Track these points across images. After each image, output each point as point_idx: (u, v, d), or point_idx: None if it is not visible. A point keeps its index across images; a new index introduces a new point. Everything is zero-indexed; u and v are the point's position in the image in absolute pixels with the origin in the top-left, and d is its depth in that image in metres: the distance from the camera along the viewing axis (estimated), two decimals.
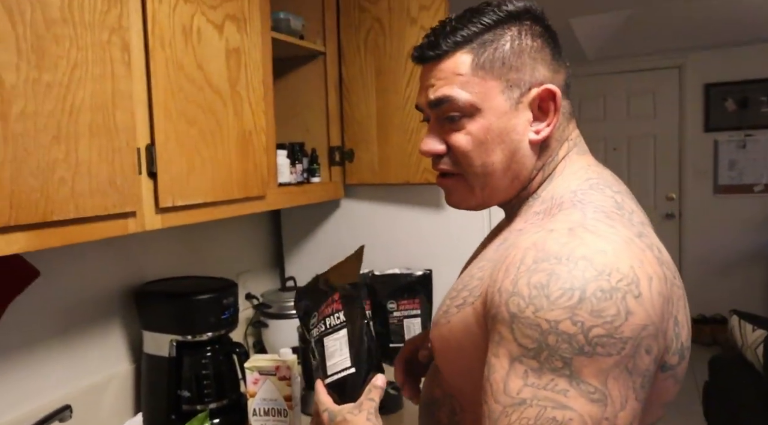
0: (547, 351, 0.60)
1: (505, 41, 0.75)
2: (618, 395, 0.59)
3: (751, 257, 4.65)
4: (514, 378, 0.62)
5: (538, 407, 0.60)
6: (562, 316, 0.59)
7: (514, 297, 0.63)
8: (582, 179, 0.76)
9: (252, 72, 1.28)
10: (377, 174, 1.68)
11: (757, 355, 2.29)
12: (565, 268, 0.61)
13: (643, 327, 0.60)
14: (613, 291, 0.60)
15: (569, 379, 0.59)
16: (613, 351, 0.59)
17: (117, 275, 1.38)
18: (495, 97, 0.75)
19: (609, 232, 0.65)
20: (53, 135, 0.85)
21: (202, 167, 1.14)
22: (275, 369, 1.16)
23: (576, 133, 0.82)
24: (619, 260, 0.61)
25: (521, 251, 0.66)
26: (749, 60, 4.52)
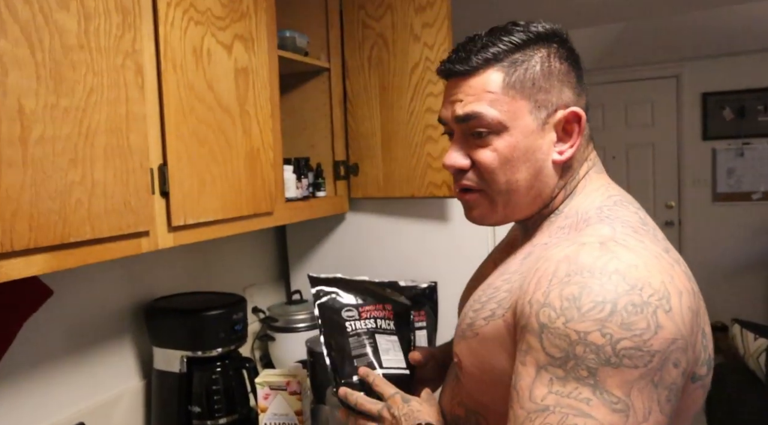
0: (573, 361, 0.61)
1: (536, 62, 0.77)
2: (641, 407, 0.60)
3: (751, 265, 4.67)
4: (539, 385, 0.63)
5: (560, 414, 0.61)
6: (592, 328, 0.61)
7: (545, 308, 0.64)
8: (605, 196, 0.78)
9: (260, 90, 1.31)
10: (382, 188, 1.70)
11: (760, 364, 2.31)
12: (597, 281, 0.63)
13: (672, 341, 0.61)
14: (644, 306, 0.61)
15: (593, 388, 0.60)
16: (640, 363, 0.60)
17: (126, 293, 1.40)
18: (523, 117, 0.76)
19: (639, 247, 0.67)
20: (70, 158, 0.87)
21: (213, 185, 1.16)
22: (286, 384, 1.17)
23: (594, 153, 0.84)
24: (650, 275, 0.63)
25: (553, 264, 0.67)
26: (746, 69, 4.56)
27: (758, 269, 4.65)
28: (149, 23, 1.03)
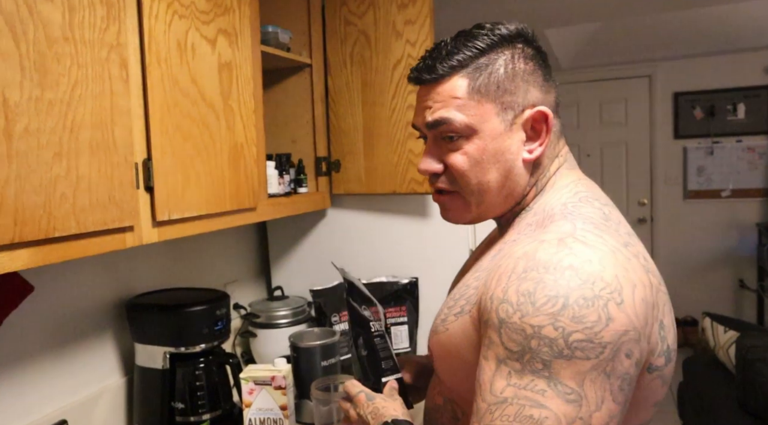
0: (529, 354, 0.64)
1: (500, 65, 0.79)
2: (594, 396, 0.62)
3: (720, 260, 4.80)
4: (499, 378, 0.66)
5: (517, 405, 0.63)
6: (546, 322, 0.63)
7: (503, 304, 0.67)
8: (572, 193, 0.80)
9: (243, 85, 1.30)
10: (364, 184, 1.71)
11: (729, 355, 2.38)
12: (551, 277, 0.65)
13: (623, 333, 0.63)
14: (595, 299, 0.63)
15: (548, 380, 0.63)
16: (592, 354, 0.62)
17: (107, 289, 1.38)
18: (490, 120, 0.79)
19: (597, 242, 0.69)
20: (55, 152, 0.86)
21: (197, 180, 1.16)
22: (271, 379, 1.18)
23: (566, 149, 0.86)
24: (604, 269, 0.65)
25: (513, 261, 0.70)
26: (716, 70, 4.68)
27: (727, 264, 4.78)
28: (133, 16, 1.02)
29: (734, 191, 4.73)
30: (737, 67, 4.63)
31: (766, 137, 4.62)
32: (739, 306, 4.75)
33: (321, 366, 1.37)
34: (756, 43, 4.36)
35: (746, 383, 2.04)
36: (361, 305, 1.08)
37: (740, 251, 4.73)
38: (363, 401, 0.90)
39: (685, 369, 2.74)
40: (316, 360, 1.37)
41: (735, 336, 2.33)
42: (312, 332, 1.44)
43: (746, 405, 2.09)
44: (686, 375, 2.73)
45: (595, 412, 0.62)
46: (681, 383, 2.79)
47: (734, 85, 4.65)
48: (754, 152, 4.67)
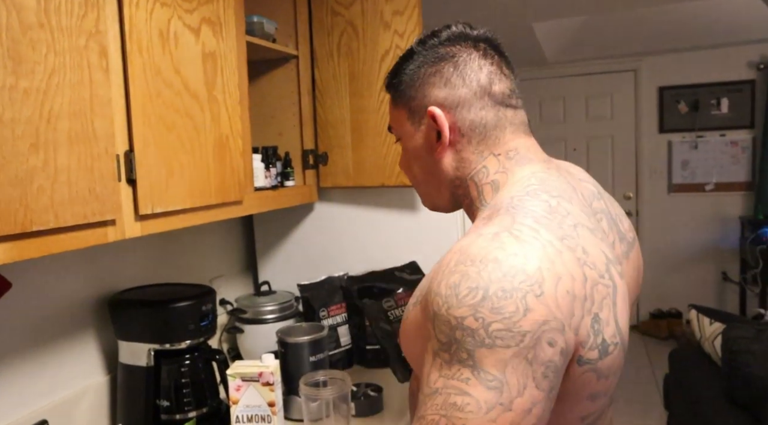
0: (455, 345, 0.66)
1: (407, 72, 0.85)
2: (516, 383, 0.64)
3: (703, 253, 4.84)
4: (434, 370, 0.68)
5: (444, 394, 0.66)
6: (467, 313, 0.66)
7: (436, 297, 0.70)
8: (522, 186, 0.81)
9: (228, 76, 1.27)
10: (352, 177, 1.69)
11: (714, 347, 2.40)
12: (475, 269, 0.67)
13: (543, 322, 0.65)
14: (513, 291, 0.66)
15: (472, 369, 0.65)
16: (512, 343, 0.64)
17: (89, 285, 1.35)
18: (404, 124, 0.87)
19: (530, 236, 0.71)
20: (31, 143, 0.83)
21: (181, 172, 1.13)
22: (258, 376, 1.15)
23: (513, 144, 0.84)
24: (527, 262, 0.67)
25: (450, 255, 0.73)
26: (700, 65, 4.71)
27: (710, 257, 4.83)
28: (113, 3, 0.99)
29: (717, 185, 4.77)
30: (721, 61, 4.66)
31: (749, 131, 4.67)
32: (722, 298, 4.80)
33: (309, 361, 1.35)
34: (740, 38, 4.39)
35: (732, 374, 2.06)
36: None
37: (723, 244, 4.78)
38: None
39: (671, 361, 2.76)
40: (305, 356, 1.35)
41: (721, 328, 2.35)
42: (300, 327, 1.42)
43: (732, 396, 2.11)
44: (672, 367, 2.75)
45: (516, 398, 0.64)
46: (667, 375, 2.81)
47: (718, 80, 4.69)
48: (737, 146, 4.72)
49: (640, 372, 4.06)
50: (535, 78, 5.10)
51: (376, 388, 1.42)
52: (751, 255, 4.13)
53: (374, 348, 1.69)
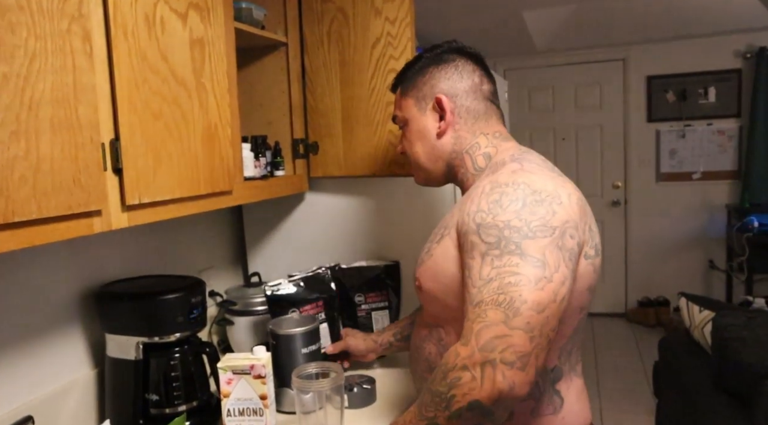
0: (504, 241, 0.88)
1: (414, 73, 1.15)
2: (553, 262, 0.87)
3: (691, 242, 4.88)
4: (485, 267, 0.88)
5: (499, 279, 0.86)
6: (512, 217, 0.89)
7: (479, 213, 0.93)
8: (516, 149, 1.07)
9: (216, 63, 1.24)
10: (343, 167, 1.66)
11: (704, 334, 2.41)
12: (511, 189, 0.93)
13: (566, 221, 0.91)
14: (542, 201, 0.91)
15: (520, 256, 0.86)
16: (548, 234, 0.88)
17: (74, 277, 1.32)
18: (411, 110, 1.15)
19: (539, 171, 0.98)
20: (12, 130, 0.79)
21: (169, 162, 1.10)
22: (250, 368, 1.13)
23: (497, 129, 1.12)
24: (546, 184, 0.94)
25: (480, 187, 0.98)
26: (689, 54, 4.72)
27: (697, 246, 4.87)
28: None
29: (705, 174, 4.80)
30: (709, 50, 4.67)
31: (735, 120, 4.69)
32: (709, 286, 4.85)
33: (301, 353, 1.33)
34: (727, 27, 4.40)
35: (722, 361, 2.07)
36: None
37: (710, 233, 4.81)
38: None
39: (661, 349, 2.78)
40: (297, 348, 1.33)
41: (710, 316, 2.36)
42: (291, 318, 1.40)
43: (722, 383, 2.12)
44: (661, 355, 2.76)
45: (555, 273, 0.86)
46: (656, 362, 2.83)
47: (706, 69, 4.70)
48: (723, 134, 4.74)
49: (628, 359, 4.09)
50: (525, 67, 5.09)
51: (369, 380, 1.41)
52: (737, 243, 4.16)
53: None
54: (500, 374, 0.80)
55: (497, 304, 0.83)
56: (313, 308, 1.49)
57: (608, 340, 4.51)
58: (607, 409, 3.34)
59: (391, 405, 1.37)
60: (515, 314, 0.82)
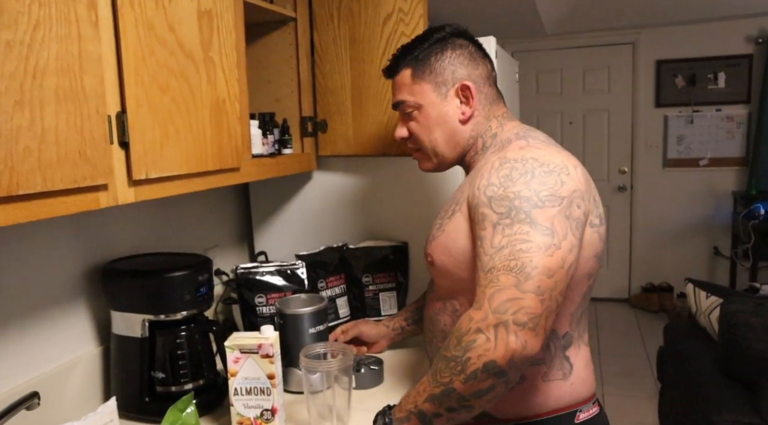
0: (515, 210, 0.91)
1: (431, 55, 1.12)
2: (561, 230, 0.90)
3: (696, 228, 4.85)
4: (497, 236, 0.91)
5: (510, 246, 0.89)
6: (522, 188, 0.93)
7: (489, 187, 0.96)
8: (520, 128, 1.11)
9: (225, 36, 1.21)
10: (352, 146, 1.63)
11: (710, 320, 2.40)
12: (520, 163, 0.97)
13: (573, 191, 0.94)
14: (552, 172, 0.95)
15: (530, 224, 0.90)
16: (556, 203, 0.92)
17: (80, 253, 1.30)
18: (429, 95, 1.12)
19: (545, 146, 1.01)
20: (16, 100, 0.77)
21: (176, 136, 1.07)
22: (258, 347, 1.12)
23: (503, 111, 1.15)
24: (553, 157, 0.97)
25: (490, 163, 1.01)
26: (699, 38, 4.65)
27: (702, 232, 4.84)
28: None
29: (712, 160, 4.76)
30: (720, 35, 4.60)
31: (745, 106, 4.64)
32: (713, 273, 4.83)
33: (309, 333, 1.32)
34: (738, 12, 4.33)
35: (730, 347, 2.06)
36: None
37: (716, 220, 4.79)
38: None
39: (666, 334, 2.77)
40: (304, 328, 1.32)
41: (717, 302, 2.34)
42: (299, 298, 1.39)
43: (727, 369, 2.11)
44: (667, 340, 2.75)
45: (563, 240, 0.90)
46: (661, 347, 2.82)
47: (716, 54, 4.64)
48: (732, 121, 4.69)
49: (631, 344, 4.10)
50: (533, 50, 5.02)
51: (377, 361, 1.40)
52: (743, 230, 4.13)
53: (374, 319, 1.66)
54: (513, 334, 0.84)
55: (509, 269, 0.87)
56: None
57: (611, 325, 4.51)
58: (610, 393, 3.35)
59: (398, 385, 1.36)
60: (526, 278, 0.86)
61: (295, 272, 1.53)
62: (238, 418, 1.15)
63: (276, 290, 1.51)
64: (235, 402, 1.15)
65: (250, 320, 1.52)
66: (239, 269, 1.53)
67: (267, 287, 1.51)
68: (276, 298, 1.49)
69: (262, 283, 1.51)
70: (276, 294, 1.50)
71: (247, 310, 1.52)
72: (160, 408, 1.12)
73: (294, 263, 1.55)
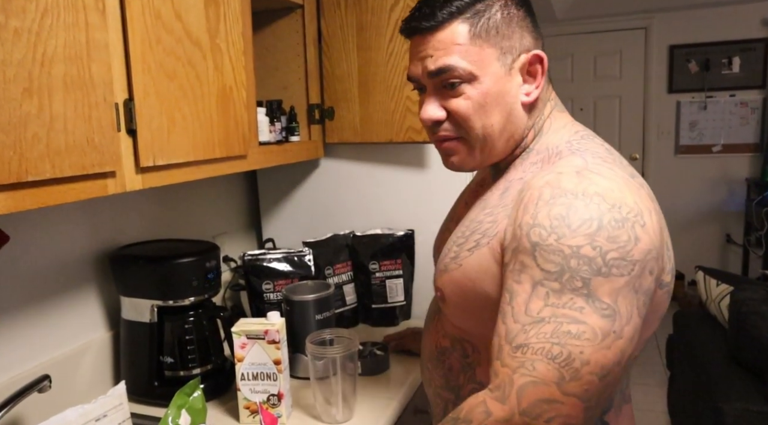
0: (569, 273, 0.67)
1: (496, 10, 0.80)
2: (625, 312, 0.67)
3: (708, 215, 4.81)
4: (536, 300, 0.68)
5: (555, 323, 0.67)
6: (583, 242, 0.67)
7: (535, 228, 0.70)
8: (572, 132, 0.84)
9: (231, 24, 1.21)
10: (359, 133, 1.63)
11: (720, 308, 2.39)
12: (582, 202, 0.69)
13: (648, 251, 0.69)
14: (624, 221, 0.68)
15: (586, 298, 0.67)
16: (625, 271, 0.67)
17: (90, 239, 1.32)
18: (491, 64, 0.80)
19: (610, 173, 0.73)
20: (24, 87, 0.78)
21: (183, 124, 1.08)
22: (264, 333, 1.13)
23: (554, 94, 0.89)
24: (624, 196, 0.70)
25: (537, 190, 0.73)
26: (713, 22, 4.58)
27: (715, 219, 4.80)
28: None
29: (725, 147, 4.70)
30: (734, 19, 4.53)
31: (760, 91, 4.57)
32: (725, 260, 4.80)
33: (315, 319, 1.33)
34: None
35: (740, 335, 2.05)
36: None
37: (729, 207, 4.74)
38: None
39: (676, 322, 2.76)
40: (310, 314, 1.33)
41: (728, 290, 2.33)
42: (306, 285, 1.40)
43: (737, 357, 2.11)
44: (676, 328, 2.75)
45: (626, 326, 0.67)
46: (671, 335, 2.81)
47: (730, 38, 4.56)
48: (746, 106, 4.63)
49: None
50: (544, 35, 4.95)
51: (383, 347, 1.41)
52: (756, 217, 4.09)
53: (380, 306, 1.67)
54: None
55: (551, 357, 0.66)
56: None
57: None
58: None
59: (404, 372, 1.37)
60: (573, 377, 0.65)
61: (302, 259, 1.54)
62: (244, 403, 1.16)
63: (283, 277, 1.52)
64: (242, 387, 1.16)
65: (258, 306, 1.54)
66: (247, 256, 1.54)
67: (274, 273, 1.52)
68: (283, 285, 1.50)
69: (270, 270, 1.52)
70: (283, 281, 1.51)
71: (255, 296, 1.54)
72: (168, 392, 1.14)
73: (301, 250, 1.55)
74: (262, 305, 1.52)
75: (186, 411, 1.06)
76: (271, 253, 1.55)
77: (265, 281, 1.52)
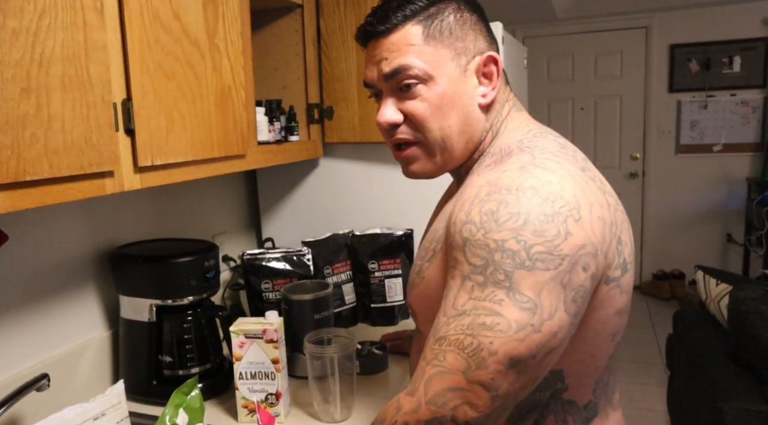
0: (492, 267, 0.67)
1: (449, 13, 0.82)
2: (548, 306, 0.66)
3: (708, 215, 4.81)
4: (462, 293, 0.69)
5: (473, 315, 0.66)
6: (508, 236, 0.67)
7: (467, 225, 0.70)
8: (525, 131, 0.84)
9: (230, 23, 1.21)
10: (358, 133, 1.64)
11: (720, 308, 2.39)
12: (513, 197, 0.69)
13: (581, 247, 0.67)
14: (555, 215, 0.67)
15: (507, 290, 0.66)
16: (551, 266, 0.66)
17: (88, 238, 1.32)
18: (446, 65, 0.81)
19: (556, 167, 0.73)
20: (22, 87, 0.78)
21: (182, 124, 1.08)
22: (262, 332, 1.13)
23: (512, 94, 0.89)
24: (563, 189, 0.69)
25: (476, 189, 0.74)
26: (713, 22, 4.58)
27: (715, 219, 4.80)
28: None
29: (726, 146, 4.70)
30: (735, 18, 4.52)
31: (760, 90, 4.57)
32: (725, 260, 4.79)
33: (314, 319, 1.33)
34: None
35: (739, 335, 2.05)
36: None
37: (729, 206, 4.74)
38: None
39: (675, 321, 2.76)
40: (309, 313, 1.33)
41: (727, 289, 2.33)
42: (304, 284, 1.40)
43: (736, 356, 2.11)
44: (676, 327, 2.75)
45: (546, 321, 0.66)
46: (670, 335, 2.81)
47: (731, 38, 4.56)
48: (747, 106, 4.62)
49: (641, 331, 4.09)
50: (544, 35, 4.97)
51: (381, 346, 1.41)
52: (756, 217, 4.09)
53: (379, 306, 1.67)
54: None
55: (461, 348, 0.66)
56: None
57: None
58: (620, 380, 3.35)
59: (402, 371, 1.37)
60: (479, 366, 0.65)
61: (301, 259, 1.54)
62: (243, 402, 1.17)
63: (282, 276, 1.52)
64: (240, 386, 1.16)
65: (257, 305, 1.54)
66: (246, 256, 1.54)
67: (273, 273, 1.52)
68: (282, 284, 1.51)
69: (269, 269, 1.53)
70: (282, 280, 1.52)
71: (254, 296, 1.54)
72: (167, 391, 1.14)
73: (300, 250, 1.56)
74: (262, 305, 1.53)
75: (184, 410, 1.06)
76: (271, 252, 1.55)
77: (264, 281, 1.52)
